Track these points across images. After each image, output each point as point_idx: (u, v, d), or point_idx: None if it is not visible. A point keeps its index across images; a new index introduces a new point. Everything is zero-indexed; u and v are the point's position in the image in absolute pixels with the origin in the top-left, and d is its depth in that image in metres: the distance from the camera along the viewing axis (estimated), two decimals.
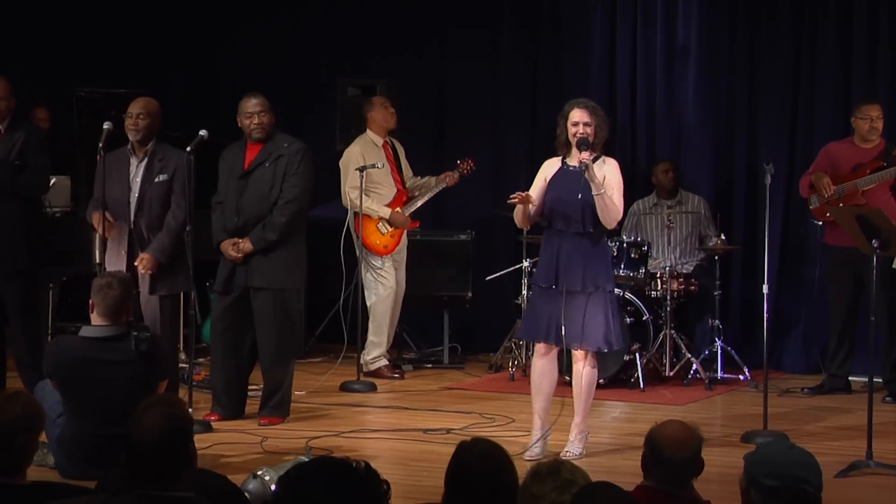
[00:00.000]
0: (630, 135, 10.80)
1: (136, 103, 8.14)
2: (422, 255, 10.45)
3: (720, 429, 8.32)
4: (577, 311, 7.20)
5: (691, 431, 4.47)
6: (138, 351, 6.58)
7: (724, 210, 10.32)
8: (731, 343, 9.87)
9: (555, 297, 7.22)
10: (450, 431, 7.98)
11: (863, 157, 9.15)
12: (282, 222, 8.15)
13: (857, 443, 7.50)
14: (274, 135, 8.28)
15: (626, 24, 10.74)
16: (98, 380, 6.58)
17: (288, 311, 8.24)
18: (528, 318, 7.57)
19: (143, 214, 8.07)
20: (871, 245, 7.26)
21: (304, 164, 8.22)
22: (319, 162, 10.83)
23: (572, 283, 7.19)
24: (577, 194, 7.13)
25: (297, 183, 8.18)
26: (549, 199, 7.30)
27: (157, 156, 8.13)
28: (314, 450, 7.25)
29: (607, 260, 7.45)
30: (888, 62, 10.00)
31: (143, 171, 8.10)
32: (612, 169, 7.33)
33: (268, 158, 8.18)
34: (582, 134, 7.22)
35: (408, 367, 10.33)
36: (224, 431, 7.89)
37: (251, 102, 8.24)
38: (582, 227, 7.21)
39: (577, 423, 7.41)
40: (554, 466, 4.05)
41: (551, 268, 7.27)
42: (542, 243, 7.44)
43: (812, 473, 3.95)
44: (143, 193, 8.08)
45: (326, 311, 10.58)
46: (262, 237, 8.15)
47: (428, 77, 11.29)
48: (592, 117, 7.25)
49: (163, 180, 8.09)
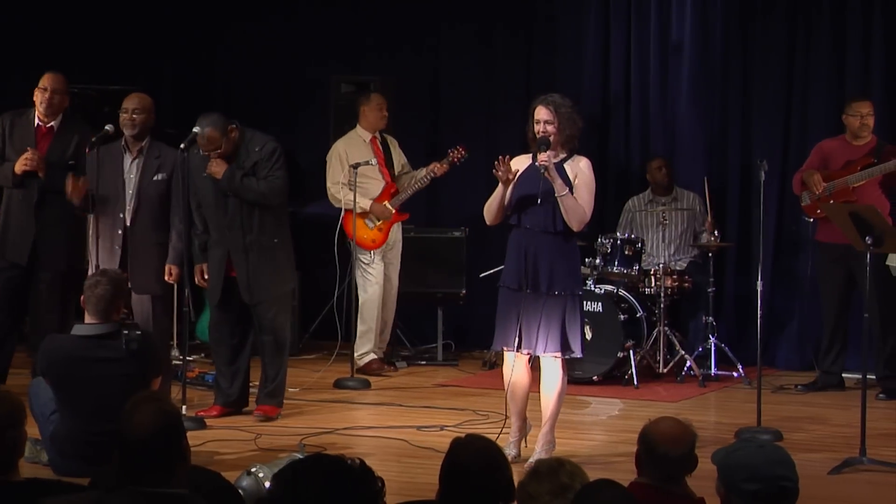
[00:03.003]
0: (624, 132, 10.80)
1: (131, 99, 8.13)
2: (416, 252, 10.44)
3: (714, 426, 8.33)
4: (538, 315, 7.01)
5: (685, 428, 4.47)
6: (129, 349, 6.58)
7: (718, 207, 10.32)
8: (725, 340, 9.87)
9: (523, 300, 7.03)
10: (444, 428, 7.98)
11: (854, 153, 9.15)
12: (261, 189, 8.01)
13: (850, 440, 7.50)
14: (243, 143, 8.09)
15: (620, 20, 10.72)
16: (91, 377, 6.57)
17: (285, 313, 8.33)
18: (497, 324, 7.25)
19: (142, 212, 8.07)
20: (865, 242, 7.27)
21: (279, 163, 8.09)
22: (313, 160, 10.86)
23: (538, 285, 7.03)
24: (539, 194, 6.95)
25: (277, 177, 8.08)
26: (515, 196, 7.12)
27: (153, 153, 8.12)
28: (308, 447, 7.24)
29: (576, 261, 7.26)
30: (882, 59, 10.00)
31: (140, 168, 8.09)
32: (584, 168, 7.14)
33: (243, 169, 8.07)
34: (543, 133, 7.05)
35: (402, 364, 10.32)
36: (218, 428, 7.88)
37: (202, 142, 7.96)
38: (552, 226, 7.04)
39: (545, 432, 7.18)
40: (553, 467, 4.05)
41: (520, 268, 7.08)
42: (509, 242, 7.23)
43: (788, 468, 3.97)
44: (141, 191, 8.07)
45: (321, 308, 10.57)
46: (240, 181, 7.99)
47: (422, 74, 11.28)
48: (554, 115, 7.04)
49: (161, 179, 8.08)
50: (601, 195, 9.71)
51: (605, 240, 9.69)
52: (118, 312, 6.76)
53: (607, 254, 9.67)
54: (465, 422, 8.18)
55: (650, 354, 9.74)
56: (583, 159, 7.19)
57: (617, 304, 9.58)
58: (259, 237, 8.11)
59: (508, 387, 7.20)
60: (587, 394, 9.21)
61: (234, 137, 8.07)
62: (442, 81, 11.32)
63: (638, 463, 4.45)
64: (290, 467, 3.48)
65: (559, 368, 7.12)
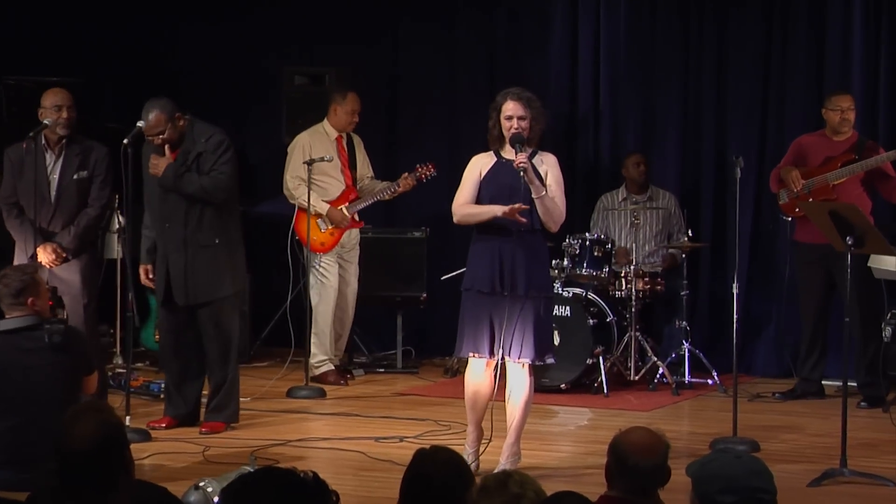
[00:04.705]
0: (593, 127, 10.82)
1: (56, 95, 8.08)
2: (374, 254, 10.43)
3: (688, 436, 8.35)
4: (514, 318, 6.97)
5: (657, 438, 4.48)
6: (51, 343, 6.58)
7: (692, 206, 10.35)
8: (700, 345, 9.90)
9: (499, 303, 7.01)
10: (403, 440, 7.97)
11: (834, 149, 9.20)
12: (203, 184, 7.97)
13: (830, 450, 7.53)
14: (189, 132, 8.05)
15: (589, 10, 10.74)
16: (17, 370, 6.58)
17: (229, 319, 8.18)
18: (465, 329, 7.18)
19: (61, 213, 8.05)
20: (846, 242, 7.29)
21: (225, 157, 8.04)
22: (265, 156, 10.84)
23: (516, 287, 7.00)
24: (521, 199, 6.93)
25: (222, 172, 8.04)
26: (488, 197, 7.08)
27: (73, 150, 8.09)
28: (259, 459, 7.20)
29: (547, 261, 7.33)
30: (862, 50, 10.04)
31: (61, 166, 8.06)
32: (553, 165, 7.12)
33: (186, 160, 8.04)
34: (517, 129, 7.00)
35: (359, 372, 10.31)
36: (164, 440, 7.85)
37: (147, 126, 7.92)
38: (530, 225, 7.01)
39: (510, 443, 7.15)
40: (501, 480, 4.06)
41: (493, 270, 7.03)
42: (475, 244, 7.16)
43: (765, 480, 3.98)
44: (62, 191, 8.04)
45: (273, 313, 10.55)
46: (180, 178, 7.95)
47: (380, 66, 11.26)
48: (527, 110, 7.01)
49: (83, 177, 8.06)
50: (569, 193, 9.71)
51: (574, 240, 9.70)
52: (35, 301, 6.73)
53: (576, 255, 9.69)
54: (425, 433, 8.17)
55: (621, 361, 9.76)
56: (549, 155, 7.18)
57: (586, 308, 9.60)
58: (196, 234, 8.03)
59: (470, 395, 7.18)
60: (554, 403, 9.22)
61: (182, 126, 8.03)
62: (401, 74, 11.31)
63: (608, 475, 4.45)
64: (239, 481, 3.46)
65: (526, 376, 7.11)
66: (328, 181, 9.91)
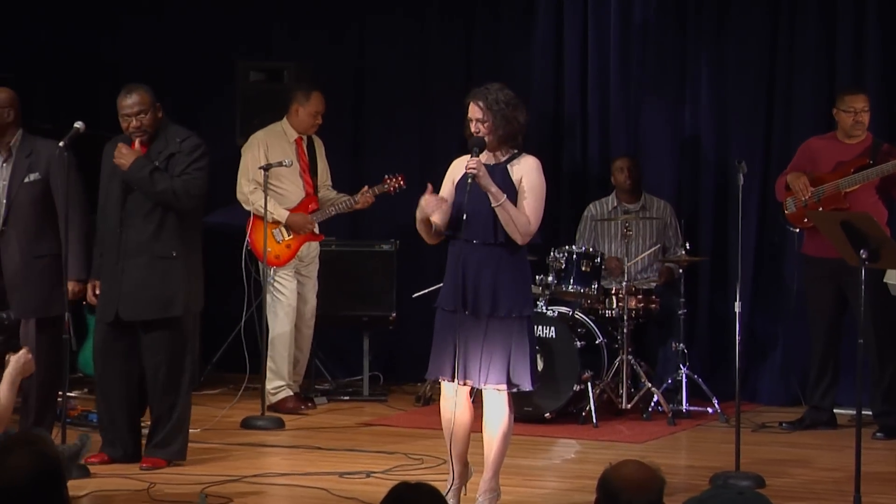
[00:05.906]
0: (581, 129, 10.85)
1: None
2: (337, 269, 10.44)
3: (685, 470, 8.38)
4: (479, 341, 6.99)
5: (652, 473, 4.49)
6: None
7: (690, 215, 10.38)
8: (698, 370, 9.93)
9: (463, 322, 7.02)
10: (370, 475, 7.97)
11: (846, 154, 9.23)
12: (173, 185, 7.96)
13: (842, 485, 7.58)
14: (164, 129, 8.11)
15: (576, 1, 10.78)
16: None
17: (180, 343, 8.14)
18: (433, 350, 7.22)
19: (15, 220, 8.03)
20: (859, 256, 7.32)
21: (200, 163, 8.08)
22: (217, 159, 10.76)
23: (479, 307, 7.02)
24: (463, 207, 6.96)
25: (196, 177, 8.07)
26: (453, 205, 7.11)
27: (23, 151, 8.09)
28: (211, 497, 7.22)
29: (525, 277, 7.23)
30: (878, 45, 10.07)
31: (10, 170, 8.06)
32: (530, 170, 7.12)
33: (157, 159, 8.08)
34: (475, 133, 7.08)
35: (321, 400, 10.32)
36: (104, 476, 7.84)
37: (127, 101, 8.00)
38: (493, 237, 7.01)
39: (487, 479, 7.14)
40: None
41: (457, 287, 7.06)
42: (448, 257, 7.21)
43: None
44: (11, 196, 8.03)
45: (226, 335, 10.55)
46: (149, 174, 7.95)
47: (343, 62, 11.28)
48: (487, 112, 7.02)
49: (35, 179, 8.05)
50: (554, 202, 9.78)
51: (559, 254, 9.71)
52: None
53: (561, 270, 9.70)
54: (395, 467, 8.18)
55: (611, 387, 9.78)
56: (530, 158, 7.19)
57: (573, 329, 9.62)
58: (153, 243, 8.01)
59: (448, 424, 7.17)
60: (538, 434, 9.24)
61: (160, 119, 8.09)
62: (367, 71, 11.33)
63: None
64: None
65: (504, 404, 7.11)
66: (287, 187, 9.92)
